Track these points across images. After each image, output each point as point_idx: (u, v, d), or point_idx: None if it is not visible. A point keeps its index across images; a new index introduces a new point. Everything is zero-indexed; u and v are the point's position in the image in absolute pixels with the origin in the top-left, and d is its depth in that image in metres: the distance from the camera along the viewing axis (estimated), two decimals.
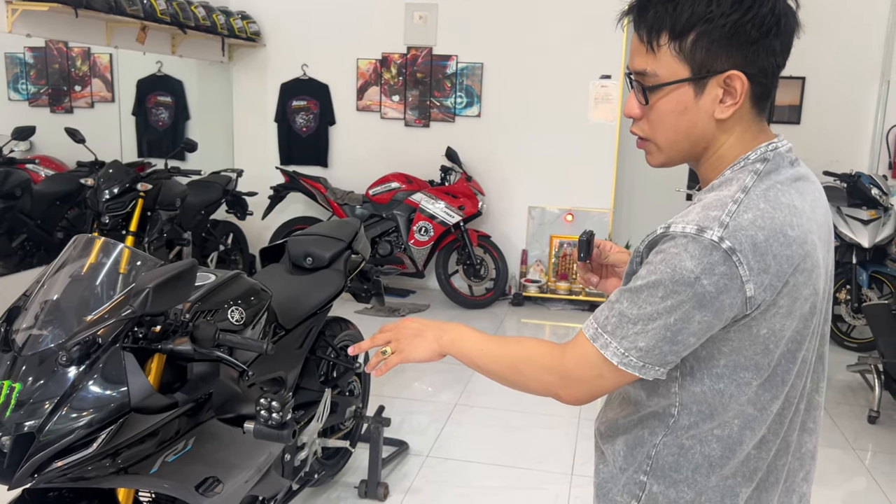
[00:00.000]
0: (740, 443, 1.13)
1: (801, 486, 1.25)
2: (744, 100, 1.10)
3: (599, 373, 1.10)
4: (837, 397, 4.47)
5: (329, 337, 2.99)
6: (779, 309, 1.06)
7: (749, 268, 1.02)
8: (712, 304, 1.03)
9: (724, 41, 1.07)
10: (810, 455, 1.25)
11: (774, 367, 1.10)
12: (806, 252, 1.06)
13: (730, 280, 1.02)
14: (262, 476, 2.28)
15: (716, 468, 1.14)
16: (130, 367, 1.72)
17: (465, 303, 6.08)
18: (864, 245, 5.14)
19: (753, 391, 1.11)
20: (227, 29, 5.90)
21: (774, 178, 1.10)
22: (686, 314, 1.03)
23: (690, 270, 1.02)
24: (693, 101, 1.11)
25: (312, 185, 6.15)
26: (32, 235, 4.52)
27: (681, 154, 1.17)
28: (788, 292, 1.06)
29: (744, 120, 1.13)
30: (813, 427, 1.24)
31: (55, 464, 1.63)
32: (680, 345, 1.06)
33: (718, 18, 1.06)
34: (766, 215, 1.04)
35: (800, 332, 1.10)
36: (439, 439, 3.71)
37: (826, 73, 6.44)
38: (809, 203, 1.12)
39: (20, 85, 4.55)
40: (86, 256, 1.92)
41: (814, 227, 1.10)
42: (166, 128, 5.92)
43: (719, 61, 1.08)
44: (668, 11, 1.08)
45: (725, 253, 1.01)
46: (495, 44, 6.17)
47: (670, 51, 1.09)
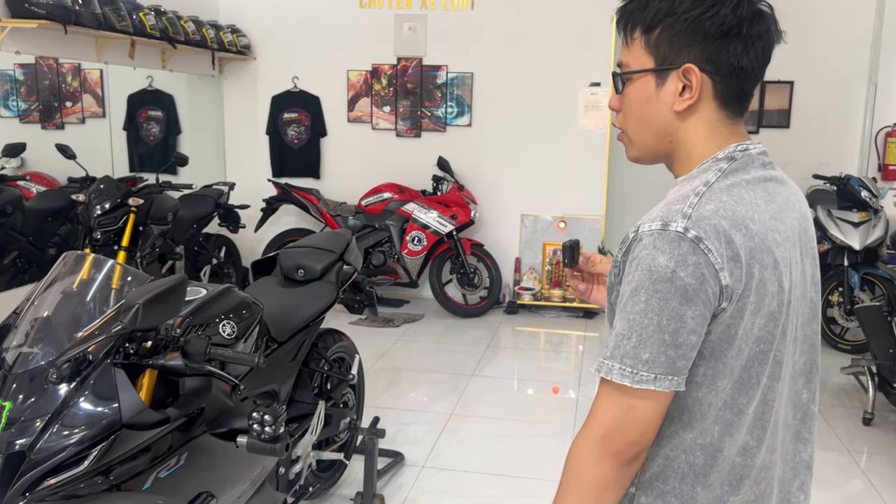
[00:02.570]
0: (721, 450, 1.13)
1: (798, 496, 1.25)
2: (705, 97, 1.15)
3: (627, 405, 1.07)
4: (832, 400, 4.48)
5: (322, 349, 2.99)
6: (748, 304, 1.07)
7: (720, 254, 1.04)
8: (697, 296, 1.04)
9: (684, 36, 1.13)
10: (805, 465, 1.25)
11: (746, 367, 1.11)
12: (767, 247, 1.09)
13: (706, 268, 1.03)
14: (256, 490, 2.27)
15: (700, 477, 1.14)
16: (121, 383, 1.72)
17: (459, 312, 6.08)
18: (855, 247, 5.16)
19: (728, 395, 1.11)
20: (216, 43, 5.91)
21: (741, 175, 1.14)
22: (675, 312, 1.03)
23: (664, 266, 1.03)
24: (655, 91, 1.17)
25: (305, 196, 6.15)
26: (24, 252, 4.50)
27: (648, 147, 1.22)
28: (756, 287, 1.07)
29: (710, 120, 1.17)
30: (808, 437, 1.25)
31: (47, 482, 1.63)
32: (683, 347, 1.05)
33: (681, 14, 1.12)
34: (727, 207, 1.08)
35: (769, 331, 1.11)
36: (435, 449, 3.70)
37: (814, 76, 6.48)
38: (777, 205, 1.15)
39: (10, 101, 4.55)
40: (75, 273, 1.92)
41: (778, 226, 1.12)
42: (157, 142, 5.91)
43: (679, 55, 1.14)
44: (641, 8, 1.16)
45: (692, 242, 1.03)
46: (485, 53, 6.20)
47: (641, 44, 1.17)
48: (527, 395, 4.58)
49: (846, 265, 5.25)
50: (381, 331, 5.62)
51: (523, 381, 4.83)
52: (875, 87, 6.18)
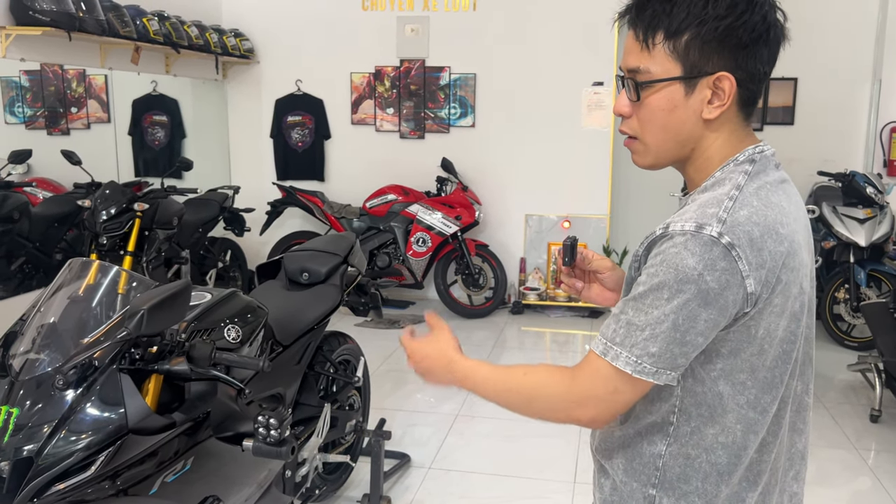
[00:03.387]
0: (745, 448, 1.14)
1: (792, 486, 1.26)
2: (731, 103, 1.13)
3: (615, 387, 1.09)
4: (839, 397, 4.46)
5: (327, 352, 3.00)
6: (774, 308, 1.08)
7: (748, 262, 1.04)
8: (717, 301, 1.04)
9: (716, 43, 1.10)
10: (800, 455, 1.26)
11: (771, 368, 1.12)
12: (794, 250, 1.10)
13: (731, 276, 1.03)
14: (262, 493, 2.28)
15: (724, 476, 1.15)
16: (127, 389, 1.73)
17: (464, 312, 6.08)
18: (861, 244, 5.15)
19: (753, 395, 1.12)
20: (220, 47, 5.93)
21: (763, 178, 1.13)
22: (692, 312, 1.04)
23: (692, 267, 1.03)
24: (683, 99, 1.13)
25: (309, 199, 6.16)
26: (31, 258, 4.53)
27: (668, 154, 1.19)
28: (782, 290, 1.08)
29: (731, 123, 1.16)
30: (802, 428, 1.26)
31: (55, 487, 1.64)
32: (689, 346, 1.06)
33: (712, 21, 1.08)
34: (759, 212, 1.08)
35: (792, 331, 1.12)
36: (441, 451, 3.71)
37: (818, 73, 6.46)
38: (794, 205, 1.15)
39: (16, 108, 4.57)
40: (81, 279, 1.93)
41: (799, 228, 1.13)
42: (162, 147, 5.94)
43: (710, 63, 1.11)
44: (666, 11, 1.11)
45: (725, 248, 1.03)
46: (487, 54, 6.21)
47: (664, 49, 1.12)
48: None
49: (852, 262, 5.23)
50: (386, 332, 5.62)
51: None
52: (879, 83, 6.16)
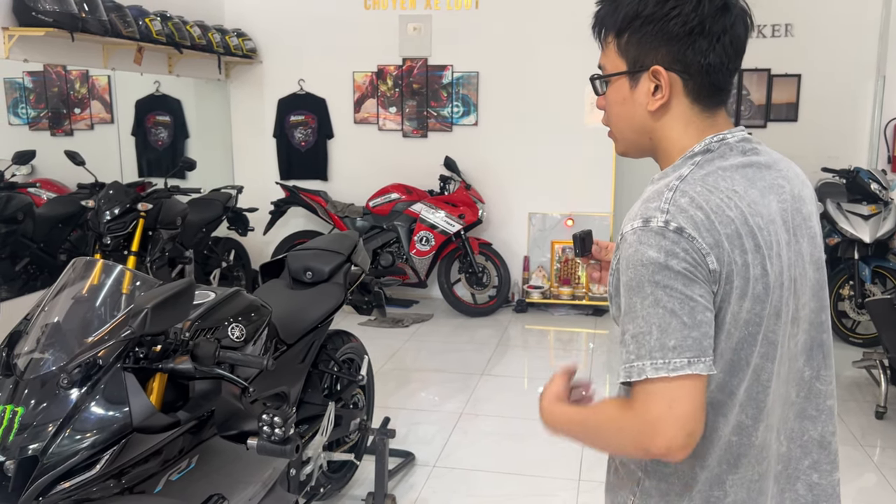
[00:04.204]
0: (715, 430, 1.16)
1: (810, 475, 1.25)
2: (677, 95, 1.18)
3: (670, 398, 1.06)
4: (844, 394, 4.45)
5: (331, 350, 3.00)
6: (734, 289, 1.10)
7: (704, 241, 1.08)
8: (697, 277, 1.07)
9: (650, 38, 1.16)
10: (816, 443, 1.25)
11: (736, 350, 1.13)
12: (748, 232, 1.11)
13: (695, 254, 1.07)
14: (267, 492, 2.29)
15: (699, 459, 1.16)
16: (132, 388, 1.74)
17: (468, 311, 6.08)
18: (866, 240, 5.13)
19: (721, 378, 1.13)
20: (222, 47, 5.93)
21: (718, 164, 1.16)
22: (683, 294, 1.06)
23: (655, 257, 1.07)
24: (629, 93, 1.21)
25: (313, 198, 6.17)
26: (35, 259, 4.54)
27: (631, 143, 1.27)
28: (739, 271, 1.10)
29: (685, 116, 1.20)
30: (815, 415, 1.25)
31: (60, 486, 1.64)
32: (703, 325, 1.07)
33: (646, 17, 1.15)
34: (702, 196, 1.11)
35: (756, 313, 1.13)
36: (445, 449, 3.71)
37: (821, 69, 6.45)
38: (759, 189, 1.16)
39: (20, 109, 4.59)
40: (84, 279, 1.94)
41: (761, 210, 1.14)
42: (165, 147, 5.95)
43: (648, 57, 1.17)
44: (611, 13, 1.20)
45: (675, 232, 1.07)
46: (490, 52, 6.20)
47: (614, 48, 1.21)
48: (537, 394, 4.57)
49: (856, 258, 5.22)
50: (390, 331, 5.63)
51: (533, 380, 4.83)
52: (883, 79, 6.14)
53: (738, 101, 6.78)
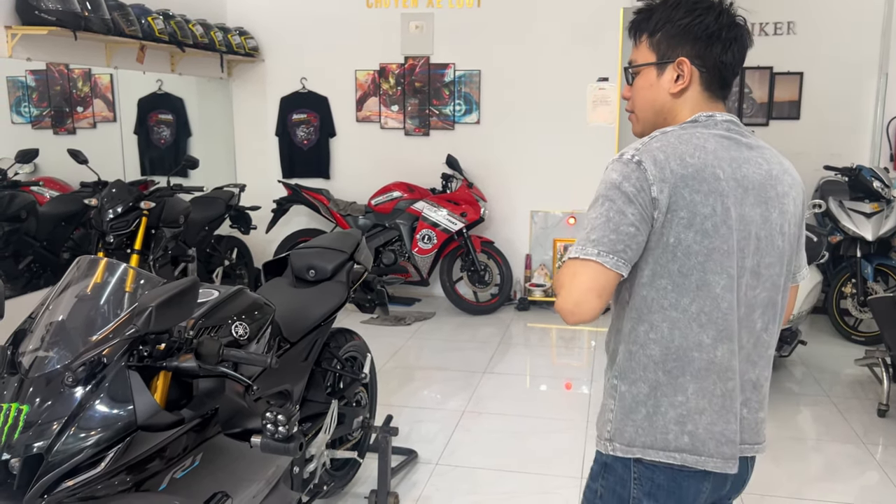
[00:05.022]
0: (672, 341, 1.44)
1: (741, 411, 1.50)
2: (693, 83, 1.51)
3: (573, 271, 1.40)
4: (846, 392, 4.45)
5: (334, 348, 3.01)
6: (680, 219, 1.39)
7: (653, 175, 1.39)
8: (636, 200, 1.38)
9: (678, 38, 1.50)
10: (751, 384, 1.51)
11: (686, 275, 1.41)
12: (703, 177, 1.40)
13: (642, 182, 1.38)
14: (271, 489, 2.29)
15: (659, 365, 1.45)
16: (136, 386, 1.74)
17: (470, 309, 6.09)
18: (868, 238, 5.13)
19: (674, 297, 1.42)
20: (225, 45, 5.94)
21: (700, 129, 1.48)
22: (619, 208, 1.38)
23: (615, 179, 1.41)
24: (656, 79, 1.54)
25: (315, 197, 6.17)
26: (38, 257, 4.55)
27: (649, 122, 1.57)
28: (686, 205, 1.39)
29: (694, 100, 1.53)
30: (757, 360, 1.52)
31: (65, 484, 1.65)
32: (623, 235, 1.38)
33: (677, 21, 1.50)
34: (671, 145, 1.43)
35: (704, 245, 1.40)
36: (448, 447, 3.71)
37: (824, 67, 6.44)
38: (732, 155, 1.45)
39: (23, 108, 4.59)
40: (89, 277, 1.94)
41: (725, 167, 1.42)
42: (168, 145, 5.95)
43: (675, 52, 1.51)
44: (646, 18, 1.55)
45: (636, 164, 1.40)
46: (492, 50, 6.20)
47: (646, 45, 1.55)
48: (539, 392, 4.59)
49: (859, 256, 5.22)
50: (392, 329, 5.63)
51: (536, 378, 4.84)
52: (886, 76, 6.14)
53: (741, 99, 6.77)
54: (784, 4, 6.47)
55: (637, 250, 1.40)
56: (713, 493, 1.50)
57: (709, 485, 1.48)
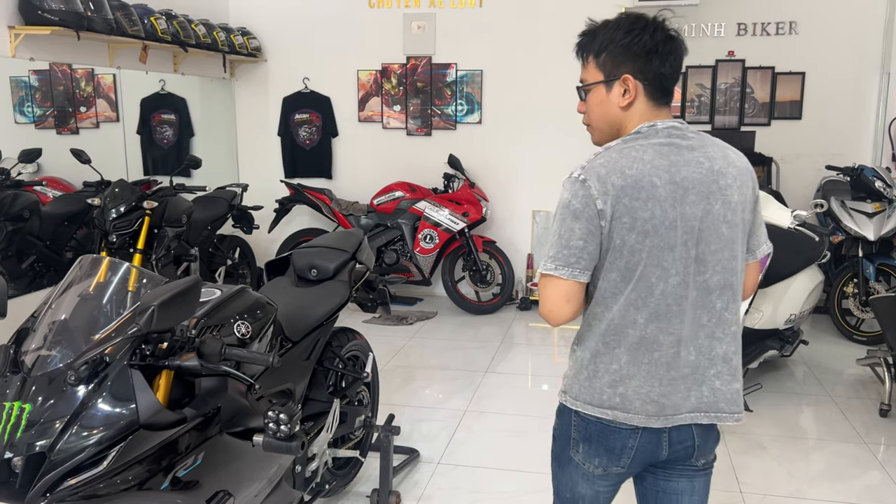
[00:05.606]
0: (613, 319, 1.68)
1: (713, 382, 1.71)
2: (638, 95, 1.69)
3: (543, 284, 1.69)
4: (848, 391, 4.45)
5: (336, 348, 3.01)
6: (623, 224, 1.61)
7: (596, 190, 1.60)
8: (583, 215, 1.61)
9: (621, 56, 1.68)
10: (721, 358, 1.71)
11: (626, 266, 1.64)
12: (641, 186, 1.60)
13: (587, 198, 1.61)
14: (273, 488, 2.29)
15: (602, 335, 1.71)
16: (138, 385, 1.74)
17: (472, 309, 6.09)
18: (870, 238, 5.12)
19: (616, 284, 1.67)
20: (227, 45, 5.95)
21: (640, 141, 1.67)
22: (569, 226, 1.62)
23: (565, 198, 1.64)
24: (606, 95, 1.72)
25: (317, 196, 6.18)
26: (41, 256, 4.56)
27: (605, 134, 1.77)
28: (627, 212, 1.60)
29: (640, 110, 1.71)
30: (722, 337, 1.71)
31: (67, 482, 1.65)
32: (574, 248, 1.62)
33: (618, 42, 1.68)
34: (612, 160, 1.63)
35: (646, 244, 1.62)
36: (450, 446, 3.72)
37: (826, 67, 6.43)
38: (670, 161, 1.63)
39: (26, 108, 4.60)
40: (91, 276, 1.95)
41: (661, 174, 1.61)
42: (171, 145, 5.96)
43: (619, 69, 1.69)
44: (590, 40, 1.74)
45: (581, 182, 1.62)
46: (494, 51, 6.20)
47: (593, 65, 1.74)
48: (541, 391, 4.59)
49: (861, 256, 5.21)
50: (394, 329, 5.64)
51: (537, 377, 4.84)
52: (888, 76, 6.13)
53: (742, 99, 6.76)
54: (786, 4, 6.47)
55: (590, 258, 1.63)
56: (646, 450, 1.72)
57: (635, 442, 1.71)
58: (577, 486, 1.85)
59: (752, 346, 4.23)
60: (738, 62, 6.72)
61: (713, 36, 6.75)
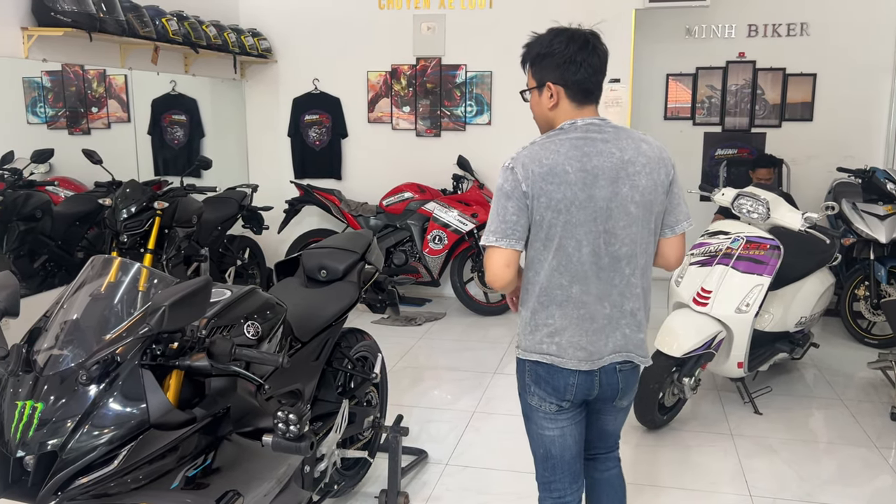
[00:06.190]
0: (542, 282, 2.06)
1: (624, 330, 2.11)
2: (561, 98, 2.07)
3: (487, 255, 2.05)
4: (859, 395, 4.43)
5: (345, 348, 3.02)
6: (541, 203, 1.98)
7: (521, 175, 1.99)
8: (513, 195, 1.99)
9: (545, 67, 2.06)
10: (629, 312, 2.10)
11: (546, 237, 2.02)
12: (555, 173, 1.97)
13: (515, 182, 1.99)
14: (282, 488, 2.30)
15: (535, 296, 2.09)
16: (149, 384, 1.75)
17: (480, 310, 6.09)
18: (882, 240, 5.09)
19: (544, 254, 2.04)
20: (238, 46, 5.97)
21: (560, 136, 2.04)
22: (503, 204, 2.00)
23: (500, 183, 2.02)
24: (538, 99, 2.12)
25: (327, 197, 6.19)
26: (53, 256, 4.59)
27: (543, 128, 2.15)
28: (544, 193, 1.98)
29: (565, 109, 2.08)
30: (629, 296, 2.09)
31: (78, 481, 1.66)
32: (508, 223, 1.99)
33: (540, 55, 2.07)
34: (534, 152, 2.02)
35: (560, 220, 1.99)
36: (458, 447, 3.72)
37: (837, 68, 6.41)
38: (583, 152, 2.00)
39: (38, 108, 4.63)
40: (103, 276, 1.96)
41: (573, 163, 1.98)
42: (181, 146, 5.99)
43: (545, 77, 2.07)
44: (527, 53, 2.13)
45: (510, 170, 2.01)
46: (504, 52, 6.18)
47: (529, 72, 2.13)
48: None
49: (872, 258, 5.18)
50: (403, 329, 5.65)
51: None
52: None
53: (753, 101, 6.74)
54: (797, 6, 6.44)
55: (523, 230, 2.01)
56: (583, 388, 2.12)
57: (574, 380, 2.10)
58: (545, 431, 2.21)
59: (762, 349, 4.21)
60: (748, 63, 6.69)
61: (724, 37, 6.73)
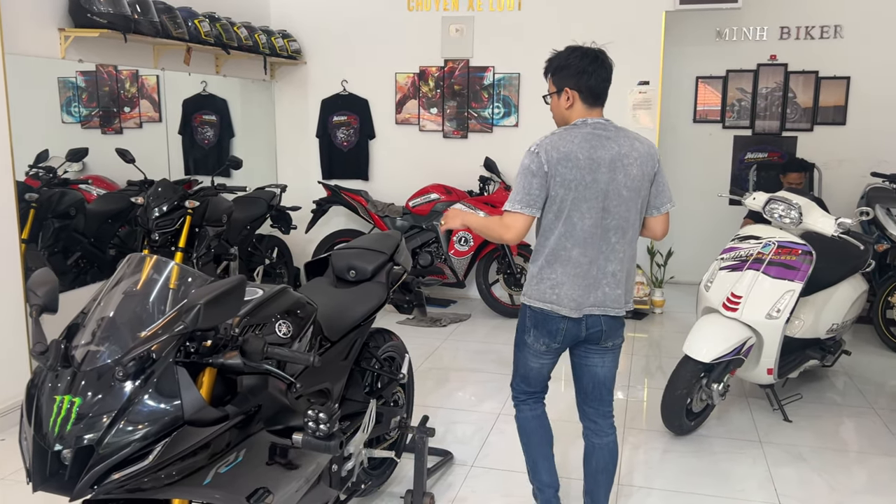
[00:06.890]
0: (550, 245, 2.58)
1: (604, 288, 2.61)
2: (576, 101, 2.59)
3: (511, 217, 2.55)
4: (891, 404, 4.35)
5: (373, 348, 3.03)
6: (556, 182, 2.50)
7: (544, 158, 2.50)
8: (537, 174, 2.50)
9: (564, 76, 2.60)
10: (610, 274, 2.60)
11: (558, 210, 2.54)
12: (569, 158, 2.49)
13: (539, 164, 2.50)
14: (310, 487, 2.32)
15: (543, 256, 2.62)
16: (183, 381, 1.78)
17: (505, 312, 6.08)
18: None
19: (554, 224, 2.56)
20: (268, 48, 6.02)
21: (571, 130, 2.56)
22: (528, 180, 2.52)
23: (526, 163, 2.53)
24: (557, 102, 2.64)
25: (354, 198, 6.23)
26: (86, 253, 4.66)
27: (559, 124, 2.66)
28: (559, 174, 2.49)
29: (578, 110, 2.60)
30: (613, 260, 2.59)
31: (113, 476, 1.69)
32: (531, 195, 2.51)
33: (559, 66, 2.61)
34: (553, 141, 2.53)
35: (570, 196, 2.51)
36: (483, 449, 3.72)
37: (871, 71, 6.31)
38: (591, 145, 2.52)
39: (73, 108, 4.71)
40: (139, 274, 1.99)
41: (582, 152, 2.50)
42: (212, 146, 6.06)
43: (563, 84, 2.60)
44: (550, 64, 2.65)
45: (535, 153, 2.52)
46: (532, 54, 6.17)
47: (550, 81, 2.66)
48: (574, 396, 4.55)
49: None
50: (428, 330, 5.66)
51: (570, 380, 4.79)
52: None
53: (784, 104, 6.66)
54: (831, 8, 6.36)
55: (541, 202, 2.53)
56: (572, 332, 2.65)
57: (565, 325, 2.62)
58: (529, 363, 2.81)
59: (792, 356, 4.16)
60: (780, 66, 6.62)
61: (755, 40, 6.66)
